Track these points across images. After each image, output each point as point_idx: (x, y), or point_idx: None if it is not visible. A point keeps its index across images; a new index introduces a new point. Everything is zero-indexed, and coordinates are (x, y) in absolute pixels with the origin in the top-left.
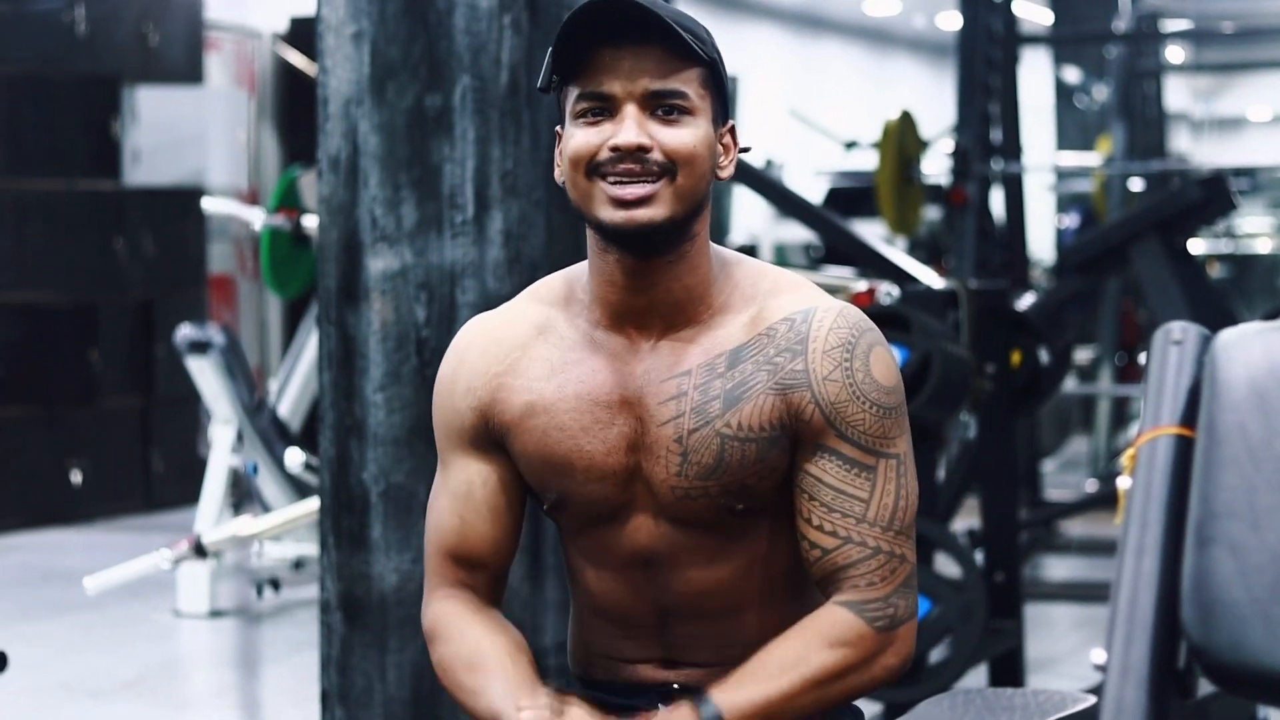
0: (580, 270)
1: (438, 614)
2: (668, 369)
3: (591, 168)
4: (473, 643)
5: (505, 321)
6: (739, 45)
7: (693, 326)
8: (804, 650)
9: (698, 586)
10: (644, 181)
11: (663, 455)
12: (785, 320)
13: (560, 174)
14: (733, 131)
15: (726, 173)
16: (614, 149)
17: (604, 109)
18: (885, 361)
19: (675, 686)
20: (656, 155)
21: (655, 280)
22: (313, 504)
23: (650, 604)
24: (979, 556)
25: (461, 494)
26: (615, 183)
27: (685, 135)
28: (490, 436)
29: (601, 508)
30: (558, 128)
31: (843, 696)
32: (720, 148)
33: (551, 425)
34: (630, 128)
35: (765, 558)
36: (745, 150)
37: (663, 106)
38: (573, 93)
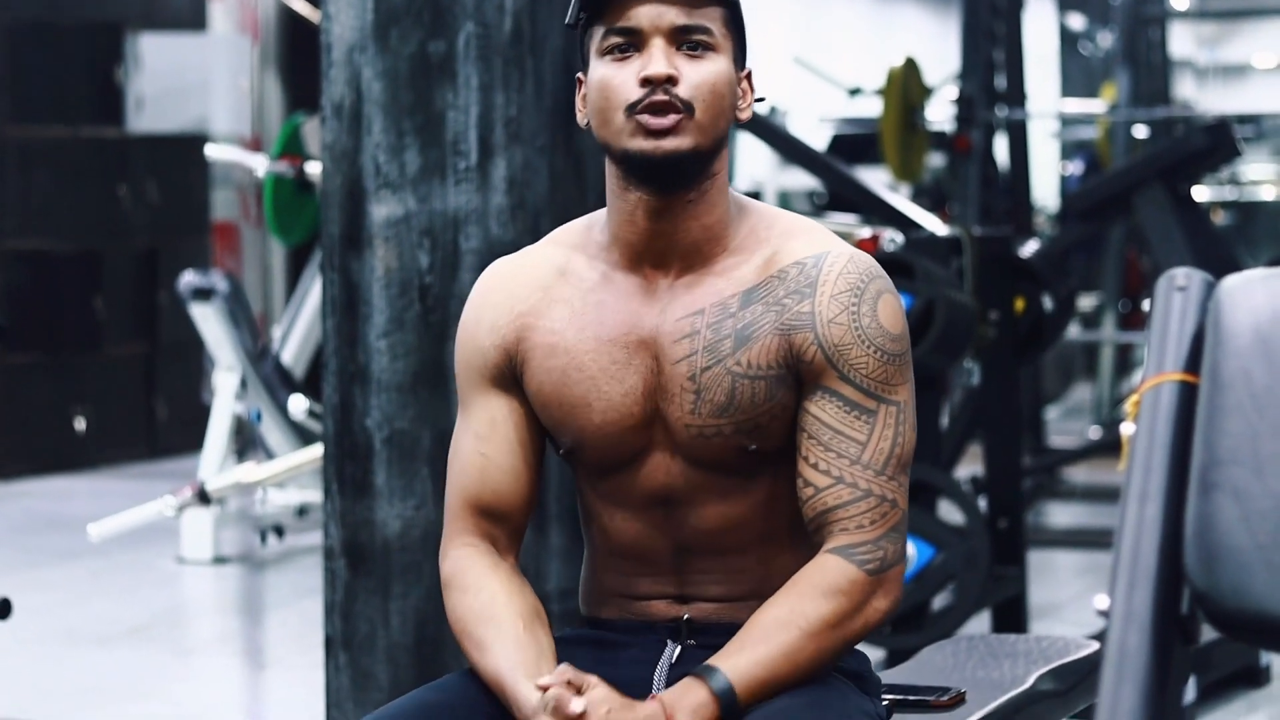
0: (600, 214)
1: (456, 563)
2: (683, 308)
3: (629, 107)
4: (489, 598)
5: (527, 264)
6: None
7: (708, 267)
8: (798, 603)
9: (714, 523)
10: (670, 114)
11: (677, 394)
12: (797, 264)
13: (583, 116)
14: (750, 77)
15: (745, 115)
16: (644, 80)
17: (631, 44)
18: (893, 309)
19: (686, 618)
20: (682, 90)
21: (675, 219)
22: (316, 451)
23: (668, 541)
24: (982, 503)
25: (484, 432)
26: (647, 113)
27: (708, 70)
28: (512, 374)
29: (619, 449)
30: (579, 75)
31: (841, 645)
32: (740, 90)
33: (571, 366)
34: (659, 59)
35: (780, 496)
36: (760, 100)
37: (688, 42)
38: (599, 31)
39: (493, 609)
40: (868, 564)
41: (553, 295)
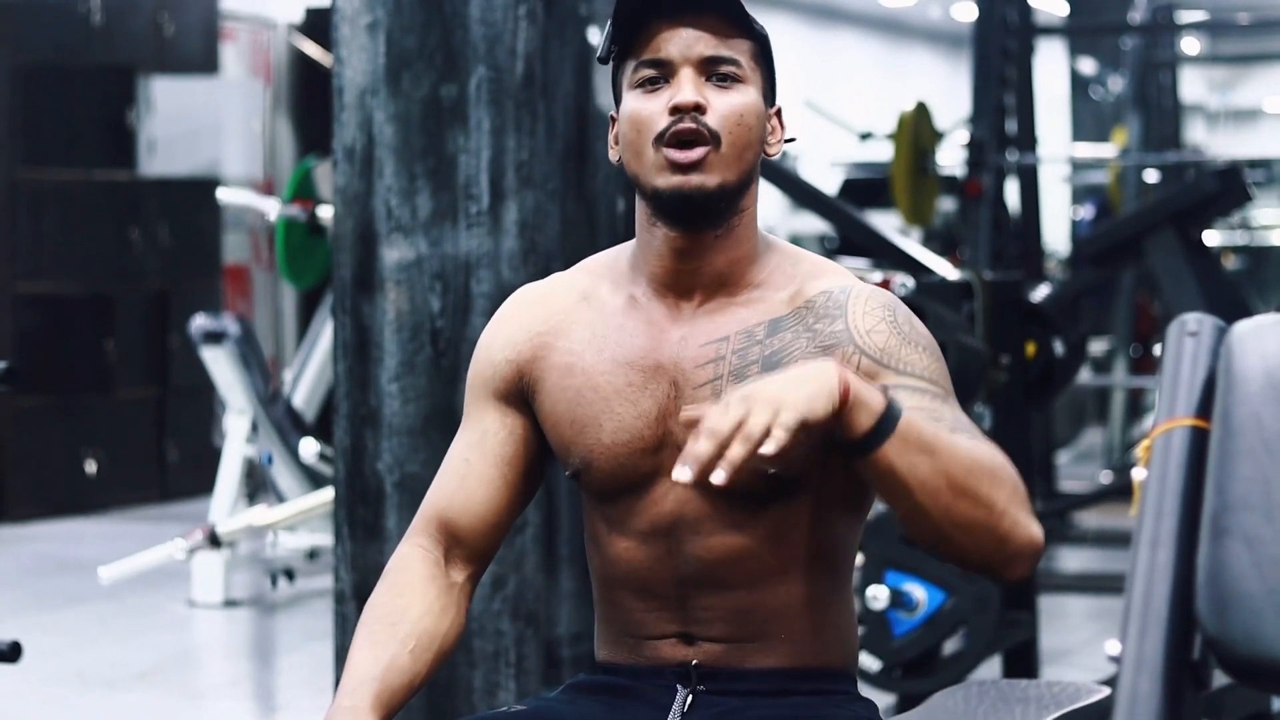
0: (629, 245)
1: (400, 559)
2: (705, 335)
3: (656, 138)
4: (404, 606)
5: (553, 289)
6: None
7: (733, 298)
8: (975, 439)
9: (719, 554)
10: (697, 144)
11: None
12: (823, 293)
13: (615, 153)
14: (780, 114)
15: (775, 151)
16: (673, 109)
17: (661, 76)
18: (924, 327)
19: (694, 664)
20: (710, 119)
21: (702, 255)
22: (327, 494)
23: (671, 573)
24: None
25: (474, 440)
26: (674, 145)
27: (737, 100)
28: (520, 393)
29: (627, 472)
30: (612, 112)
31: (985, 514)
32: (769, 126)
33: (586, 386)
34: (688, 88)
35: (790, 530)
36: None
37: (717, 74)
38: (630, 64)
39: (397, 616)
40: (1022, 489)
41: (574, 318)
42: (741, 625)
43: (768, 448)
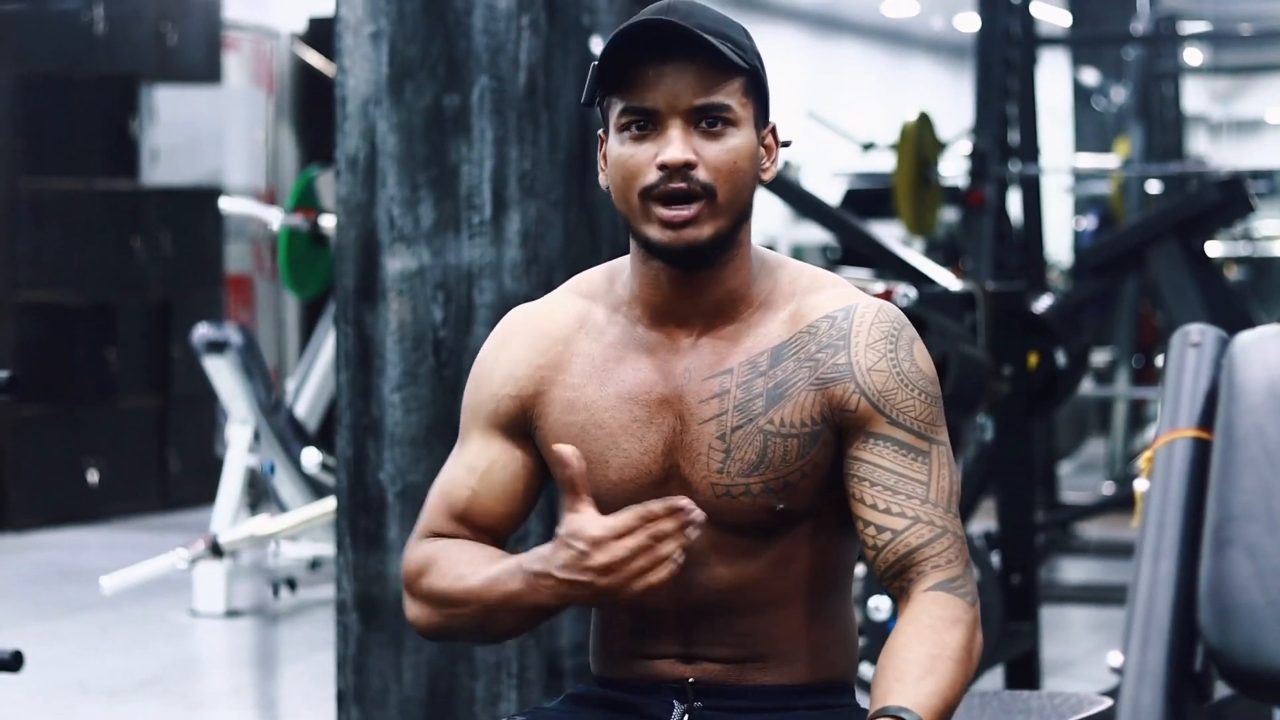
0: (621, 265)
1: (418, 550)
2: (709, 367)
3: (644, 191)
4: (458, 551)
5: (547, 313)
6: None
7: (733, 324)
8: (939, 636)
9: (725, 584)
10: (690, 201)
11: (704, 453)
12: (826, 318)
13: (605, 179)
14: (774, 131)
15: (769, 174)
16: (661, 166)
17: (648, 123)
18: (925, 353)
19: (691, 681)
20: (700, 174)
21: (698, 285)
22: (329, 504)
23: (674, 600)
24: (995, 558)
25: (480, 469)
26: (663, 203)
27: (728, 148)
28: (524, 427)
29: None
30: (600, 132)
31: (973, 675)
32: (762, 150)
33: (590, 422)
34: (676, 145)
35: (794, 557)
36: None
37: (706, 120)
38: (617, 105)
39: (461, 553)
40: (967, 596)
41: (573, 349)
42: (742, 647)
43: None
